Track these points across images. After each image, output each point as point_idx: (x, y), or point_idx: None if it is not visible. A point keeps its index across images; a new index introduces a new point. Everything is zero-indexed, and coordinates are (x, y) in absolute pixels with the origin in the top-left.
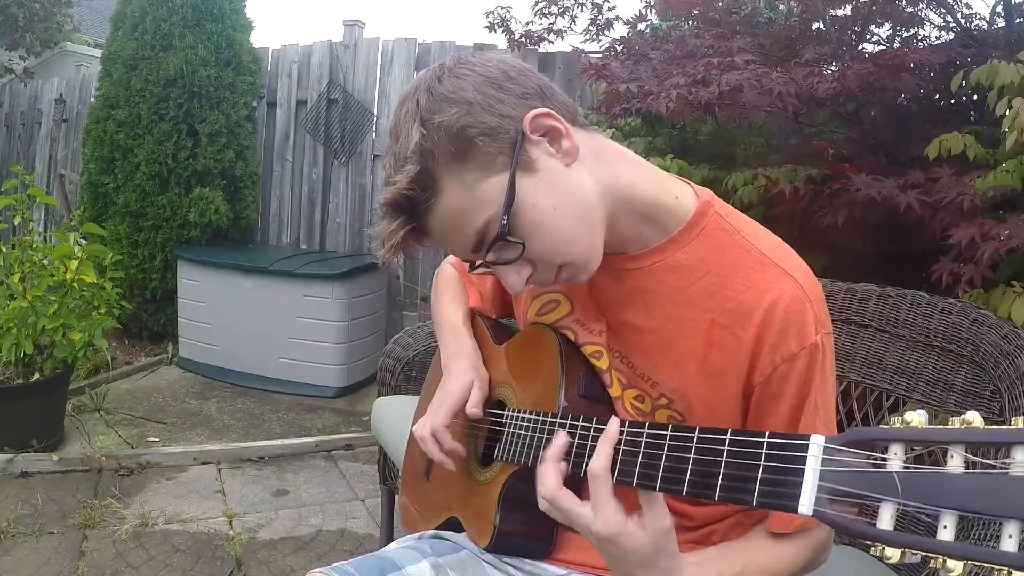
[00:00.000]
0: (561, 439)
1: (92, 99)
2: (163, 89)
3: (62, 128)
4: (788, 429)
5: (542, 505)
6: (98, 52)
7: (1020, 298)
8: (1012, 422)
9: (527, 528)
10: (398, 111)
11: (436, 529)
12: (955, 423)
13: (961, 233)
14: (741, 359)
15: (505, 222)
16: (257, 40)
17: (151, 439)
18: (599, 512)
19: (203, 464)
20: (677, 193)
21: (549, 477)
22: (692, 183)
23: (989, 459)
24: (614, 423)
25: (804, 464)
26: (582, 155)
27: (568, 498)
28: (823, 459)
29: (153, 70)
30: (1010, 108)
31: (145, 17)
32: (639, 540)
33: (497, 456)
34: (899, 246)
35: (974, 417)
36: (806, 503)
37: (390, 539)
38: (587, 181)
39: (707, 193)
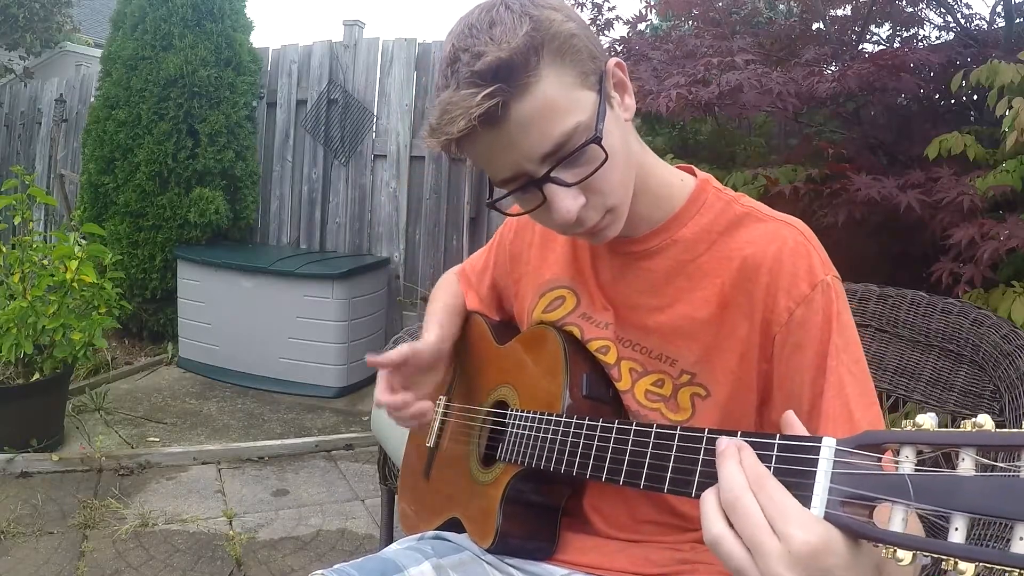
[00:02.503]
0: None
1: (92, 99)
2: (163, 89)
3: (62, 128)
4: (816, 379)
5: (711, 538)
6: (98, 52)
7: (1020, 298)
8: (1023, 425)
9: (530, 529)
10: (483, 11)
11: (436, 529)
12: (966, 426)
13: (961, 233)
14: (755, 312)
15: (601, 127)
16: (257, 40)
17: (151, 439)
18: (794, 520)
19: (203, 464)
20: (682, 176)
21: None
22: (693, 168)
23: (1000, 462)
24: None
25: (816, 466)
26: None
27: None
28: (835, 461)
29: (153, 70)
30: (1010, 108)
31: (145, 17)
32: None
33: (500, 456)
34: (899, 246)
35: (985, 420)
36: (818, 505)
37: (390, 539)
38: (633, 142)
39: (704, 174)
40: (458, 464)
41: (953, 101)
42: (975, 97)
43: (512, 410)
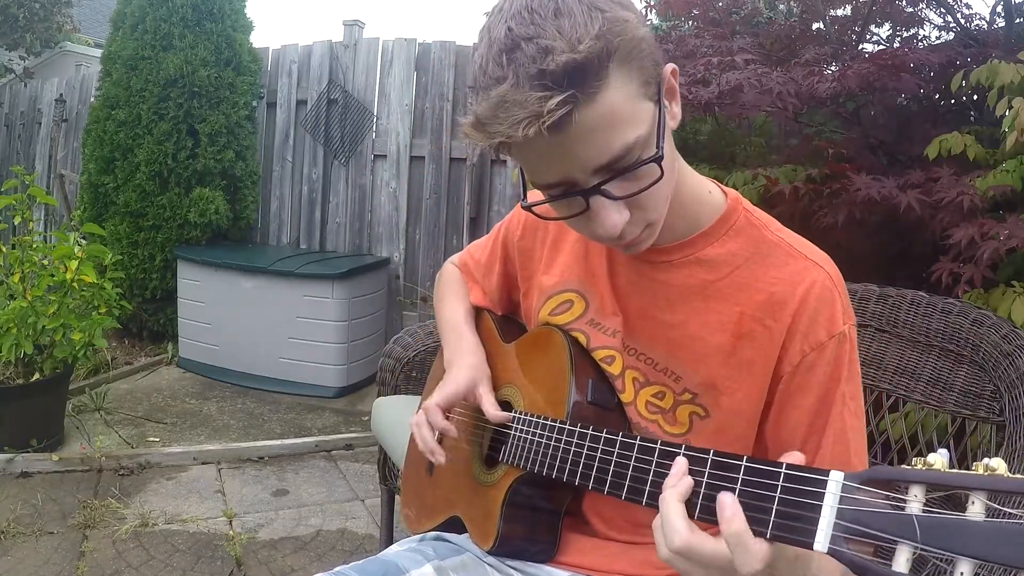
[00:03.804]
0: (687, 481)
1: (92, 99)
2: (163, 89)
3: (62, 128)
4: (812, 422)
5: (665, 556)
6: (98, 52)
7: (1020, 298)
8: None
9: (531, 532)
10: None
11: (437, 528)
12: (978, 468)
13: (961, 233)
14: (771, 349)
15: (663, 144)
16: (257, 40)
17: (151, 439)
18: (749, 550)
19: (203, 464)
20: (709, 188)
21: (678, 522)
22: (717, 181)
23: (1010, 507)
24: (680, 461)
25: (822, 500)
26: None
27: (707, 542)
28: (841, 496)
29: (153, 70)
30: (1010, 108)
31: (145, 17)
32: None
33: (502, 458)
34: (899, 246)
35: (998, 464)
36: (822, 540)
37: (390, 540)
38: (675, 153)
39: (734, 191)
40: (461, 463)
41: (953, 101)
42: (975, 97)
43: (516, 412)
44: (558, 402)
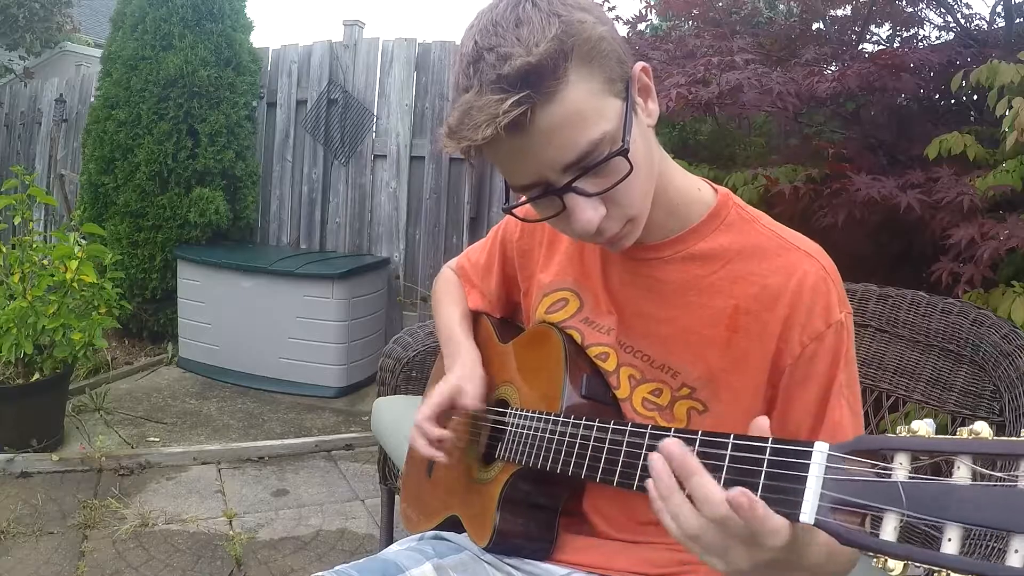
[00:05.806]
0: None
1: (92, 99)
2: (163, 89)
3: (62, 128)
4: (817, 412)
5: (695, 527)
6: (98, 52)
7: (1020, 298)
8: (1021, 434)
9: (527, 529)
10: (509, 7)
11: (436, 528)
12: (963, 433)
13: (961, 233)
14: (768, 342)
15: (628, 138)
16: (257, 40)
17: (151, 439)
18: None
19: (203, 464)
20: (699, 185)
21: (715, 489)
22: (709, 180)
23: (996, 471)
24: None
25: (807, 472)
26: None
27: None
28: (827, 467)
29: (153, 70)
30: (1010, 108)
31: (145, 17)
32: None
33: (499, 455)
34: (899, 246)
35: (982, 428)
36: (808, 511)
37: (390, 540)
38: (655, 149)
39: (724, 188)
40: (459, 462)
41: (953, 101)
42: (975, 97)
43: (512, 409)
44: (553, 397)
